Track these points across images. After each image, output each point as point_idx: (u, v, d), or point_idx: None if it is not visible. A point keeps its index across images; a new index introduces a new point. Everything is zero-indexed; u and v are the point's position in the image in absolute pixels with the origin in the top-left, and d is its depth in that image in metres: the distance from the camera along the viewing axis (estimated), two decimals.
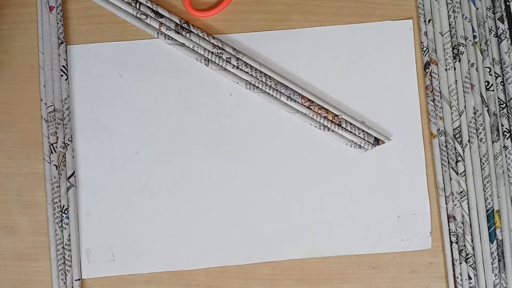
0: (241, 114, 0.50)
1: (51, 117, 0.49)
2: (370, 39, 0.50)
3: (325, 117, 0.49)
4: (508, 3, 0.50)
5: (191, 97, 0.50)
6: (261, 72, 0.50)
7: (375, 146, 0.49)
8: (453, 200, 0.49)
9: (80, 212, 0.49)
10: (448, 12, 0.50)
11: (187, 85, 0.50)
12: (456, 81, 0.50)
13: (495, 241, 0.49)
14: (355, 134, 0.50)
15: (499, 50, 0.50)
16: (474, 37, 0.50)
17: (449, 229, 0.49)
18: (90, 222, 0.49)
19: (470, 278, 0.49)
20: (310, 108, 0.50)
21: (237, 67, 0.50)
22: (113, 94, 0.50)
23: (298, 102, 0.50)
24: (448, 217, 0.49)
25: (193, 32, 0.50)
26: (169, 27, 0.49)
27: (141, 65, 0.50)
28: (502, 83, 0.50)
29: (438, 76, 0.50)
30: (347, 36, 0.50)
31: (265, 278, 0.49)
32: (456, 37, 0.50)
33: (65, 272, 0.48)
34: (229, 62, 0.50)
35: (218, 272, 0.49)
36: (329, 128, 0.49)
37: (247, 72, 0.50)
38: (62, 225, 0.49)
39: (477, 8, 0.50)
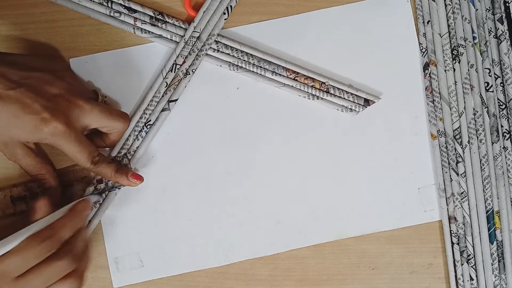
0: (249, 105, 0.50)
1: None
2: (369, 17, 0.50)
3: (312, 86, 0.49)
4: (507, 4, 0.50)
5: (199, 95, 0.50)
6: (242, 51, 0.49)
7: (366, 107, 0.50)
8: (454, 201, 0.49)
9: (103, 222, 0.49)
10: (448, 13, 0.50)
11: (193, 84, 0.49)
12: (455, 82, 0.50)
13: (495, 242, 0.49)
14: (344, 98, 0.50)
15: (498, 51, 0.50)
16: (474, 38, 0.50)
17: (450, 230, 0.49)
18: (115, 231, 0.49)
19: (471, 279, 0.49)
20: (297, 80, 0.49)
21: (218, 50, 0.49)
22: (120, 101, 0.50)
23: (284, 76, 0.49)
24: (449, 218, 0.49)
25: (168, 22, 0.49)
26: (144, 21, 0.49)
27: (146, 69, 0.50)
28: (501, 84, 0.50)
29: (438, 77, 0.50)
30: (347, 16, 0.50)
31: (264, 279, 0.49)
32: (456, 38, 0.50)
33: None
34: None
35: (218, 273, 0.49)
36: (318, 96, 0.49)
37: (228, 54, 0.49)
38: None
39: (477, 9, 0.50)
